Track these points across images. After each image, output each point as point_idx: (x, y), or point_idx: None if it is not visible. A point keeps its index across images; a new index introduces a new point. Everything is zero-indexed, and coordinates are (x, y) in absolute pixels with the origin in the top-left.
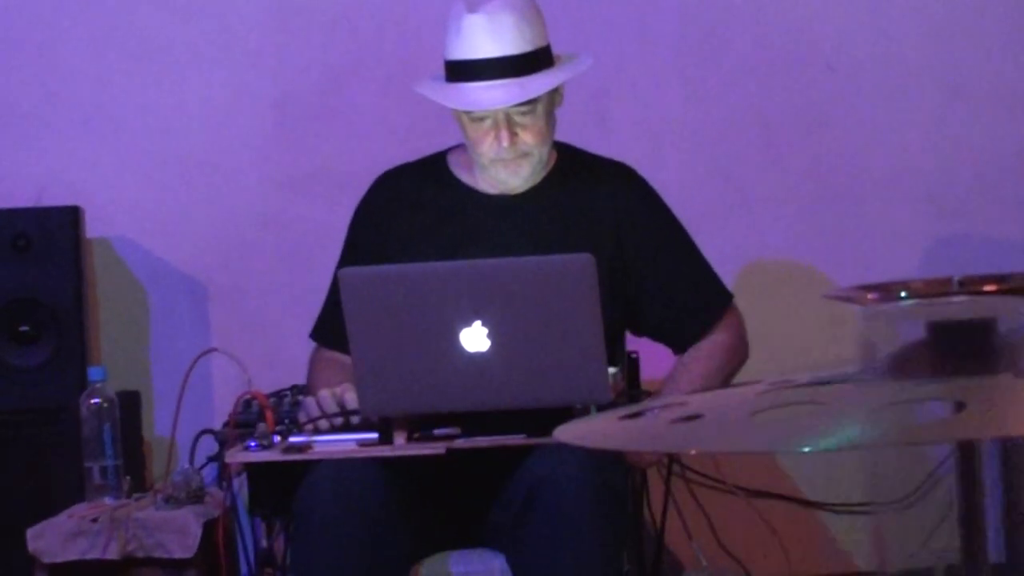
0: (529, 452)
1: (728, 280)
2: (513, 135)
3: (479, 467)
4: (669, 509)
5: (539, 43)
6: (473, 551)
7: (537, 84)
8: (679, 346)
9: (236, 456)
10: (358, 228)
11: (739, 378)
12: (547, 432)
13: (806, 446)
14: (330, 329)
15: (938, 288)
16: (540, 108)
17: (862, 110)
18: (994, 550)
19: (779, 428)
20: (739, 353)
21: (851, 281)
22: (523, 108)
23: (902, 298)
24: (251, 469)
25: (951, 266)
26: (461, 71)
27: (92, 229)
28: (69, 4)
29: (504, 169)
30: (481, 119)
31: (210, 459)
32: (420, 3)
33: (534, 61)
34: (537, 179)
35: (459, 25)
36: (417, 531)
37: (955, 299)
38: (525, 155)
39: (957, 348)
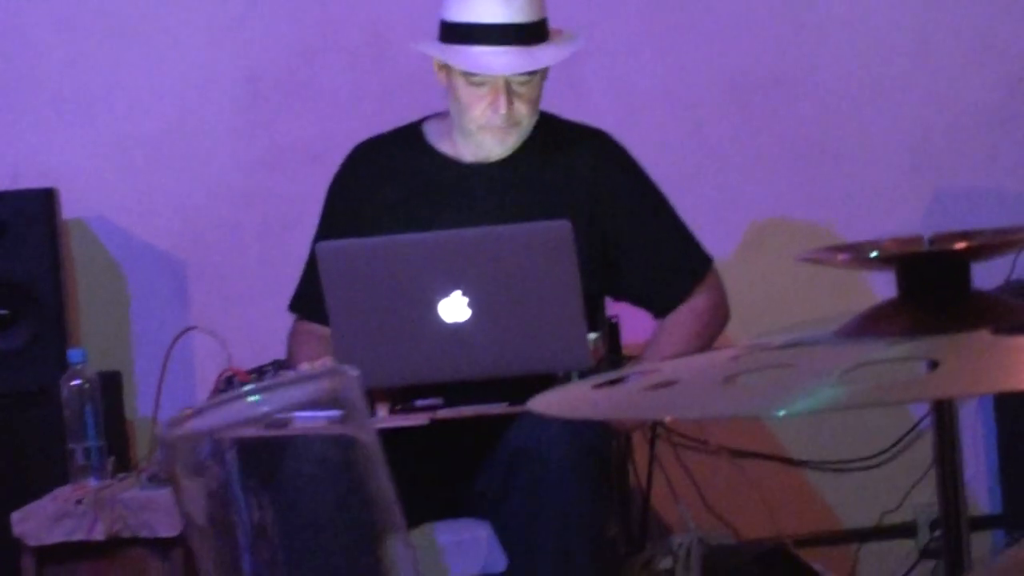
0: (512, 420)
1: (706, 242)
2: (509, 103)
3: (462, 437)
4: (654, 472)
5: (543, 14)
6: (459, 520)
7: (547, 55)
8: (659, 311)
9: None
10: (334, 200)
11: (719, 340)
12: (529, 400)
13: (780, 410)
14: (308, 301)
15: (909, 247)
16: (537, 79)
17: (835, 68)
18: (990, 500)
19: (754, 392)
20: (719, 316)
21: (829, 239)
22: (524, 77)
23: (873, 258)
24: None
25: (928, 220)
26: (466, 34)
27: (68, 210)
28: None
29: (492, 136)
30: (480, 84)
31: None
32: None
33: (540, 31)
34: (515, 147)
35: None
36: (402, 502)
37: None
38: (516, 124)
39: (930, 305)
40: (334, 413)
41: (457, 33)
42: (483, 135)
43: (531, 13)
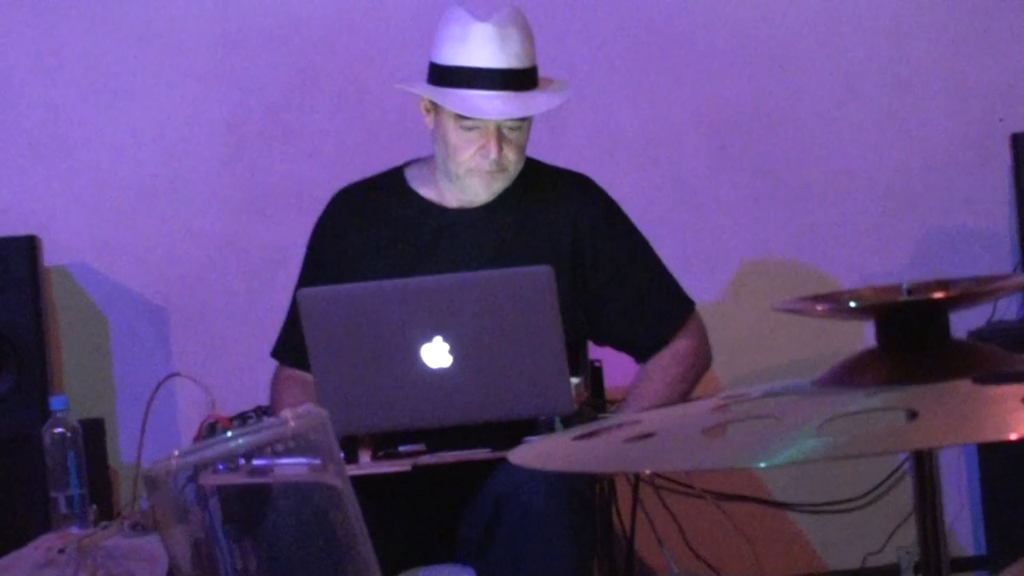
0: (495, 465)
1: (688, 286)
2: (499, 149)
3: (446, 482)
4: (638, 515)
5: (534, 61)
6: (443, 566)
7: (541, 101)
8: (641, 355)
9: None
10: (317, 246)
11: (701, 384)
12: (512, 445)
13: (761, 462)
14: (291, 347)
15: (887, 296)
16: (526, 125)
17: (813, 109)
18: (973, 541)
19: (733, 444)
20: (701, 360)
21: (812, 280)
22: (514, 123)
23: (851, 308)
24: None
25: (910, 260)
26: (460, 77)
27: (50, 258)
28: (18, 33)
29: (479, 181)
30: (471, 128)
31: None
32: (369, 21)
33: (532, 77)
34: (500, 192)
35: (465, 32)
36: (385, 549)
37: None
38: (504, 170)
39: (909, 355)
40: (315, 460)
41: (450, 76)
42: (471, 179)
43: (524, 59)
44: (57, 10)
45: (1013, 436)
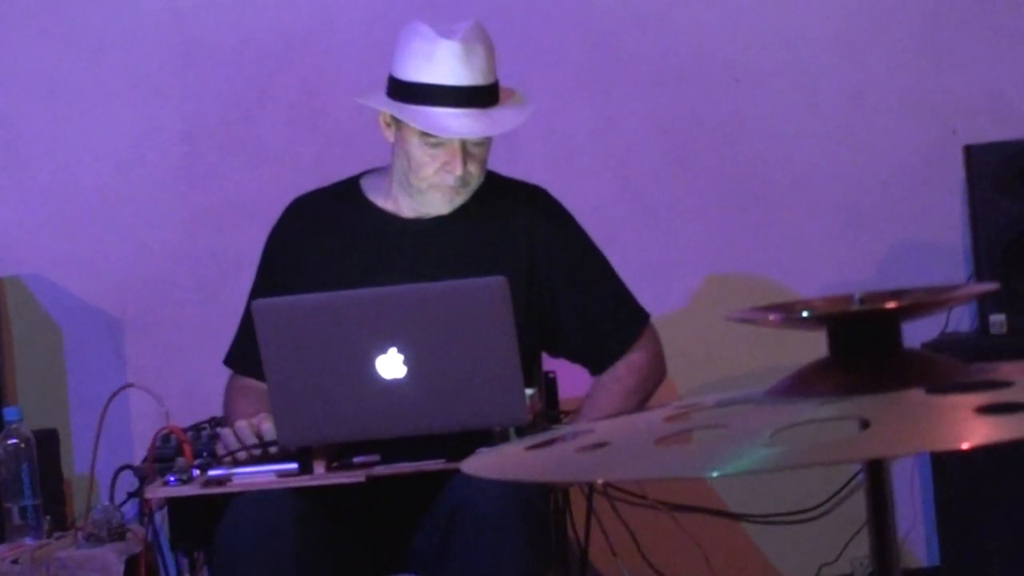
0: (450, 476)
1: (642, 297)
2: (464, 164)
3: (401, 493)
4: (592, 526)
5: (496, 76)
6: None
7: (506, 118)
8: (596, 367)
9: (156, 491)
10: (271, 255)
11: (658, 395)
12: (467, 456)
13: (713, 471)
14: (244, 356)
15: (839, 306)
16: (488, 140)
17: (768, 121)
18: (927, 553)
19: (686, 453)
20: (656, 372)
21: (766, 291)
22: (480, 139)
23: (803, 318)
24: (172, 504)
25: (861, 273)
26: (426, 94)
27: (3, 268)
28: None
29: (442, 196)
30: (436, 145)
31: (130, 495)
32: (322, 34)
33: (494, 92)
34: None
35: (431, 49)
36: (340, 560)
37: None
38: (466, 185)
39: (861, 365)
40: (285, 467)
41: (416, 93)
42: (433, 193)
43: (488, 75)
44: (11, 22)
45: (965, 446)
